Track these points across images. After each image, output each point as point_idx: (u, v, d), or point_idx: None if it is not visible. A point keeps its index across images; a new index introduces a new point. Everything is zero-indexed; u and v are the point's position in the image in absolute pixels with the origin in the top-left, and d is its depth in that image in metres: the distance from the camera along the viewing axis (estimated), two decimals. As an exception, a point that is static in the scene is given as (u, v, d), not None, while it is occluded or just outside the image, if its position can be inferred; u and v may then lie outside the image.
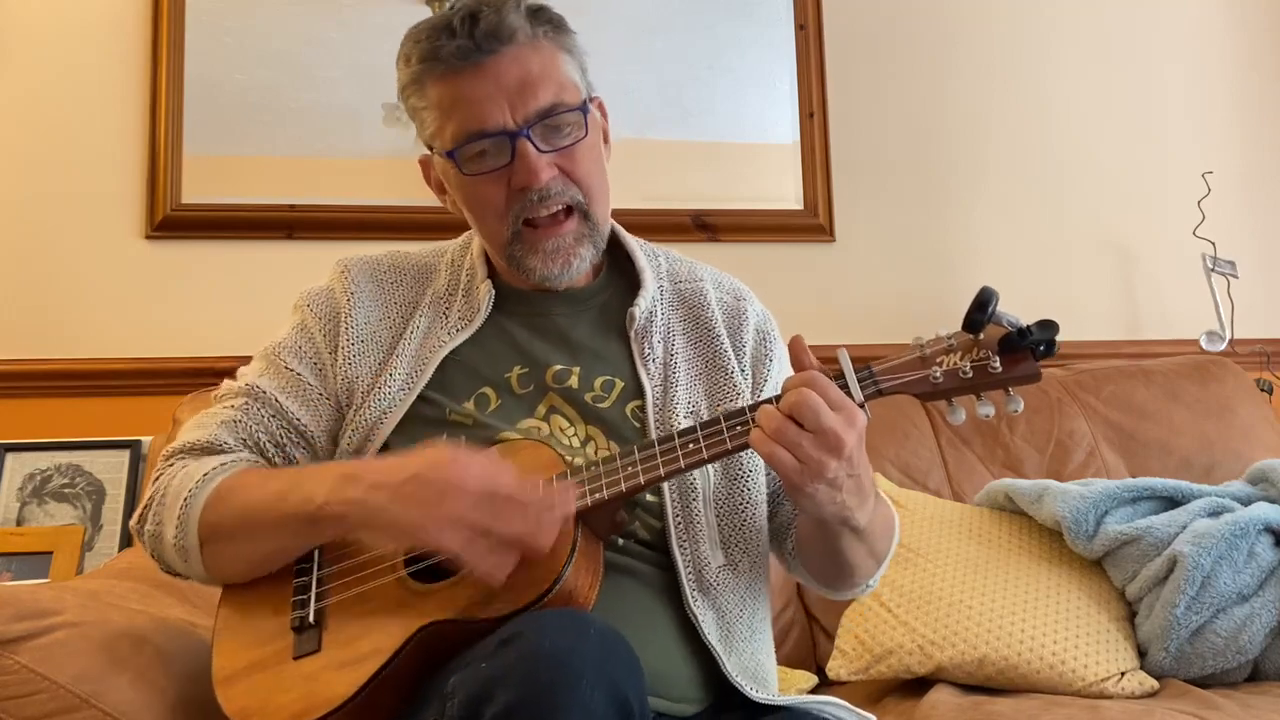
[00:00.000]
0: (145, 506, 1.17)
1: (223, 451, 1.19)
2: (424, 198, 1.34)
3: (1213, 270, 2.51)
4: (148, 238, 2.21)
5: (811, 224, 2.50)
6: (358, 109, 2.29)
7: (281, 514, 1.07)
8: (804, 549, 1.22)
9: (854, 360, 1.04)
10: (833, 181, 2.51)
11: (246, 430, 1.20)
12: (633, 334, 1.22)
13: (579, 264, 1.20)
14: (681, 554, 1.13)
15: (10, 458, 2.03)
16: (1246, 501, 1.81)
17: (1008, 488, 1.90)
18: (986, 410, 1.01)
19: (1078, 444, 2.15)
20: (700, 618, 1.13)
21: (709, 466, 1.15)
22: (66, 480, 2.03)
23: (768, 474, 1.22)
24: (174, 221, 2.21)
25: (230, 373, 1.29)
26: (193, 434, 1.21)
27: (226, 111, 2.25)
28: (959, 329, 1.01)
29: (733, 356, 1.24)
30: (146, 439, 2.06)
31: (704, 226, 2.44)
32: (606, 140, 1.26)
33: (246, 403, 1.21)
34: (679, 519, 1.14)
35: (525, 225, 1.17)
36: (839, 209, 2.51)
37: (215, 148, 2.25)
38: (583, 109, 1.18)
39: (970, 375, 1.00)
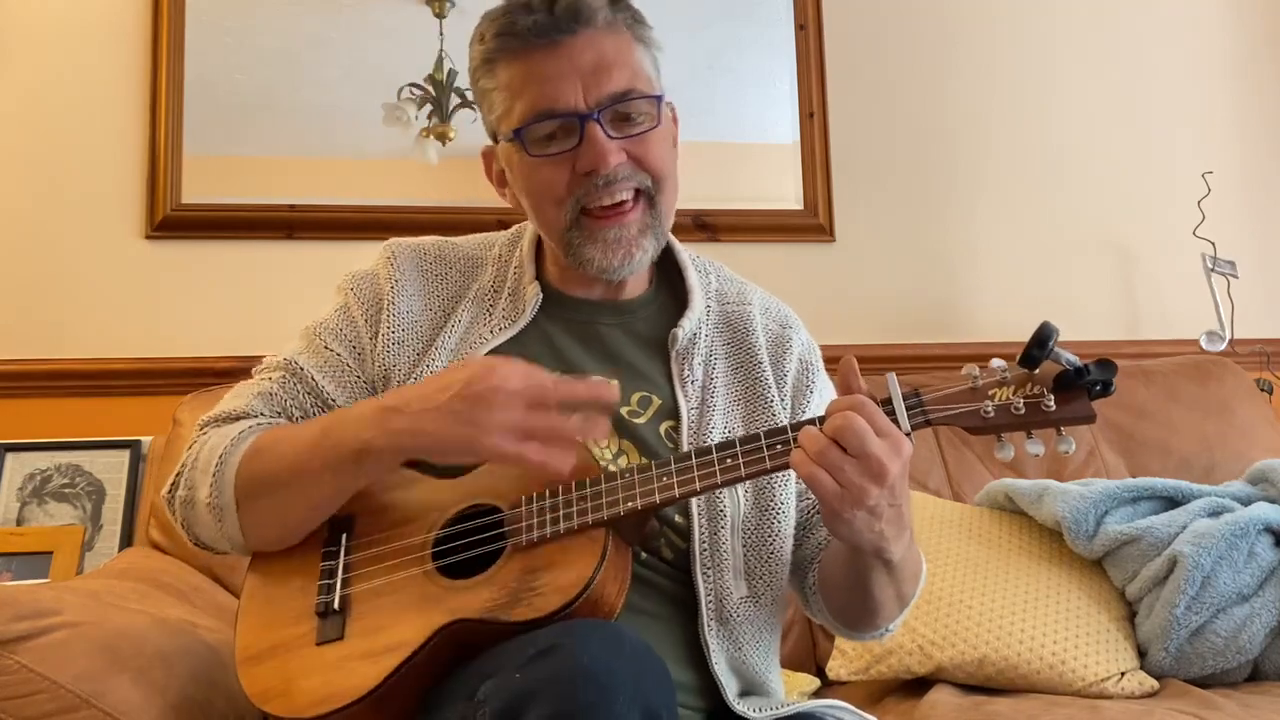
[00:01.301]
0: (176, 475, 1.16)
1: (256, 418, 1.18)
2: (424, 197, 1.34)
3: (1213, 270, 2.51)
4: (148, 238, 2.21)
5: (811, 224, 2.50)
6: (358, 109, 2.29)
7: (324, 459, 1.06)
8: (826, 585, 1.19)
9: (902, 386, 1.00)
10: (833, 181, 2.51)
11: (281, 404, 1.19)
12: (674, 354, 1.20)
13: (641, 256, 1.16)
14: (704, 581, 1.12)
15: (10, 458, 2.03)
16: (1246, 501, 1.81)
17: (1008, 488, 1.90)
18: (1036, 449, 0.98)
19: (1078, 444, 2.15)
20: (712, 647, 1.11)
21: (740, 495, 1.14)
22: (66, 480, 2.03)
23: (796, 506, 1.20)
24: (174, 221, 2.21)
25: (230, 373, 1.29)
26: (228, 403, 1.20)
27: (226, 111, 2.25)
28: (1013, 363, 0.99)
29: (773, 385, 1.21)
30: (146, 439, 2.06)
31: (704, 226, 2.44)
32: (674, 145, 1.24)
33: (284, 377, 1.20)
34: (705, 545, 1.12)
35: (584, 214, 1.14)
36: (839, 209, 2.51)
37: (215, 148, 2.25)
38: (658, 98, 1.16)
39: (1023, 412, 0.97)
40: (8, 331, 2.12)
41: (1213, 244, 2.53)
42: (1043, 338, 0.95)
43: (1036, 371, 0.98)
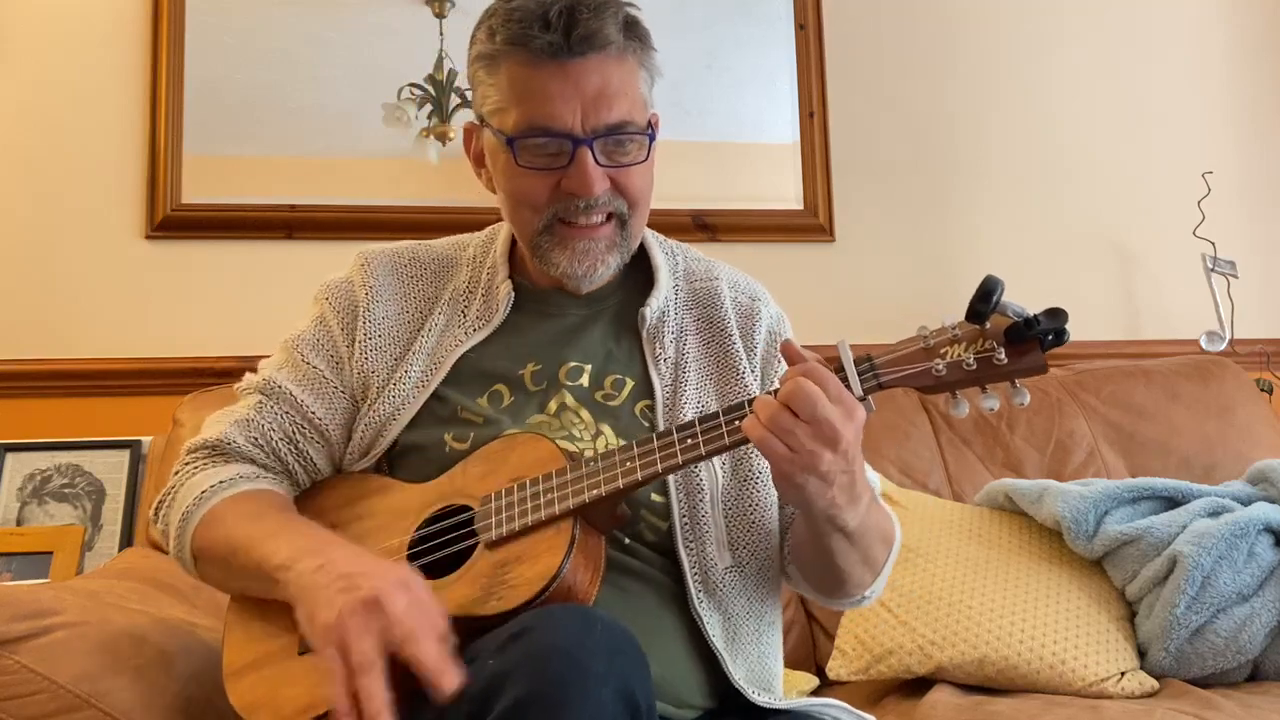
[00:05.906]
0: (160, 501, 1.20)
1: (230, 455, 1.20)
2: (424, 197, 1.34)
3: (1213, 270, 2.51)
4: (148, 238, 2.21)
5: (811, 224, 2.50)
6: (358, 109, 2.29)
7: (250, 561, 1.08)
8: (797, 553, 1.20)
9: (856, 352, 1.00)
10: (833, 181, 2.51)
11: (259, 429, 1.21)
12: (644, 334, 1.22)
13: (603, 270, 1.19)
14: (688, 554, 1.13)
15: (10, 458, 2.03)
16: (1246, 501, 1.81)
17: (1008, 488, 1.90)
18: (991, 403, 0.97)
19: (1078, 444, 2.15)
20: (706, 619, 1.12)
21: (716, 467, 1.15)
22: (66, 480, 2.03)
23: None
24: (174, 221, 2.21)
25: (230, 373, 1.30)
26: (209, 430, 1.23)
27: (226, 111, 2.25)
28: (963, 319, 0.98)
29: (744, 356, 1.23)
30: (146, 439, 2.06)
31: (704, 226, 2.44)
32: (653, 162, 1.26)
33: (261, 401, 1.22)
34: (685, 519, 1.14)
35: (559, 222, 1.17)
36: (839, 209, 2.51)
37: (215, 148, 2.25)
38: (649, 134, 1.17)
39: (974, 367, 0.96)
40: (8, 331, 2.12)
41: (1213, 244, 2.53)
42: (987, 290, 0.94)
43: (986, 326, 0.97)
